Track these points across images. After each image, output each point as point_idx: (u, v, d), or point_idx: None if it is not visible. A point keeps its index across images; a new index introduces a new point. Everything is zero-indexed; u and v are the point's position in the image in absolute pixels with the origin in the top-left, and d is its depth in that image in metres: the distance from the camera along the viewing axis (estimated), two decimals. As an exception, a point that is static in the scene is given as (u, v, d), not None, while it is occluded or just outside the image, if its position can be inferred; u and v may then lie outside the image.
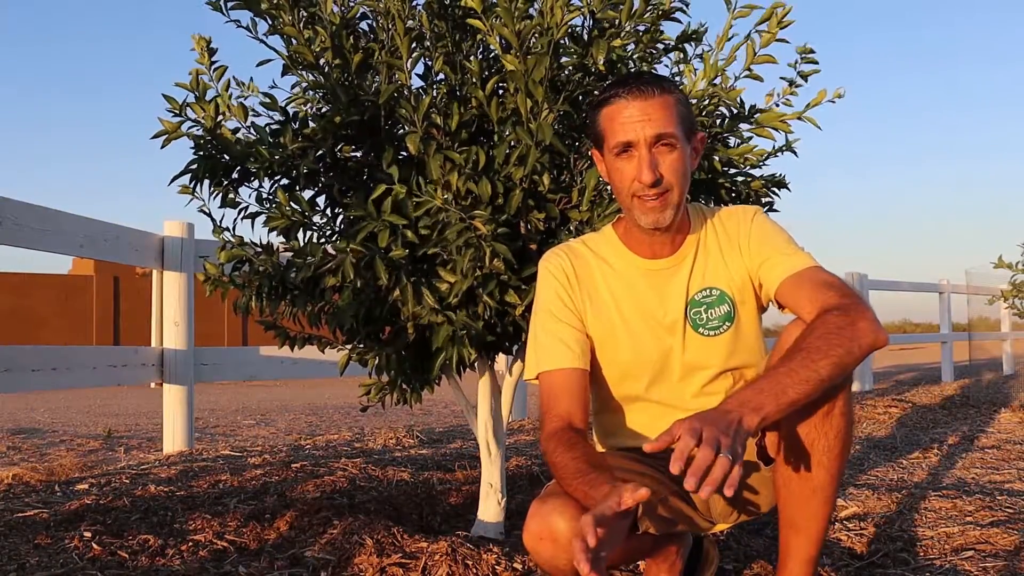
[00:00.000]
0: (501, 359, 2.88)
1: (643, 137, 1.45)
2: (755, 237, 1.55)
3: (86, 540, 2.05)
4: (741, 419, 1.22)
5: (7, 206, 2.84)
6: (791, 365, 1.30)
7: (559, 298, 1.57)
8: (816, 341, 1.32)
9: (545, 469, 3.07)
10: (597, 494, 1.25)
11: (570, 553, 1.36)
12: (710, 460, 1.13)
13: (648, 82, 1.47)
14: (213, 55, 2.04)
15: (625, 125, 1.45)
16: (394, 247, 1.89)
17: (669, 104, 1.46)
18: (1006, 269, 7.85)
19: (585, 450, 1.40)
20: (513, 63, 1.81)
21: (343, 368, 2.27)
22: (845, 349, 1.31)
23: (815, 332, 1.33)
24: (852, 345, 1.32)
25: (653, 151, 1.45)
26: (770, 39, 1.96)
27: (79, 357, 3.44)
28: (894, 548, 2.14)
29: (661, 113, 1.45)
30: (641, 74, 1.53)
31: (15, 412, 7.61)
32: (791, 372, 1.29)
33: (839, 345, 1.31)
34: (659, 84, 1.47)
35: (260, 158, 1.96)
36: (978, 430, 4.58)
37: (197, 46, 2.04)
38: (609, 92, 1.49)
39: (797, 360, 1.30)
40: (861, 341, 1.32)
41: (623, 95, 1.46)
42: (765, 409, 1.25)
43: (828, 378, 1.31)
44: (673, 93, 1.48)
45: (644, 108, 1.45)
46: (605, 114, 1.49)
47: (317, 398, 9.22)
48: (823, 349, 1.31)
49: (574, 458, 1.37)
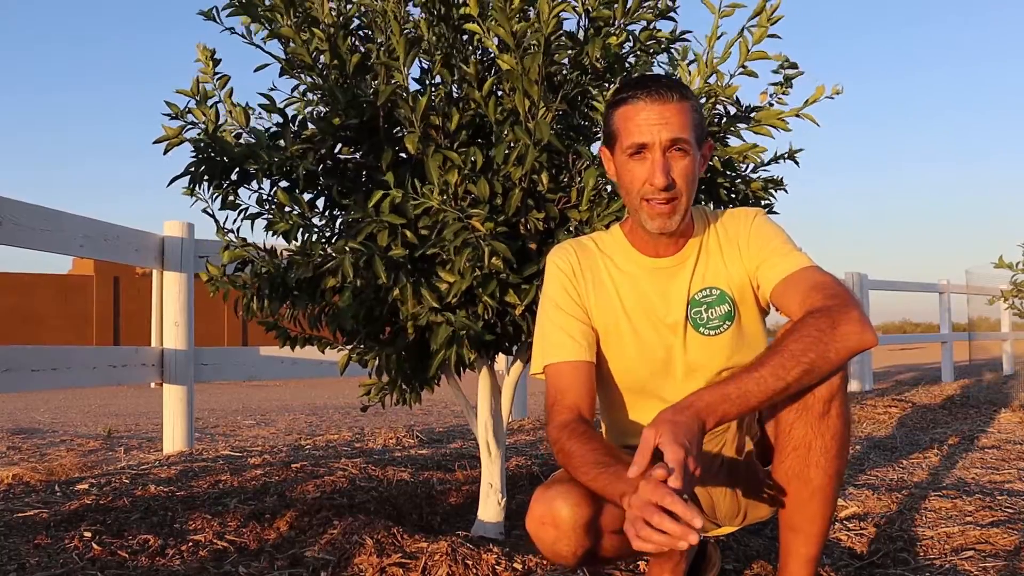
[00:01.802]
0: (501, 359, 2.88)
1: (659, 140, 1.45)
2: (754, 239, 1.55)
3: (86, 540, 2.05)
4: (703, 426, 1.28)
5: (7, 206, 2.84)
6: (762, 372, 1.31)
7: (565, 291, 1.58)
8: (791, 345, 1.33)
9: (545, 469, 3.07)
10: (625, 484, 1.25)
11: (571, 539, 1.37)
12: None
13: (667, 86, 1.47)
14: (216, 65, 2.07)
15: (641, 127, 1.45)
16: (394, 246, 1.89)
17: (686, 110, 1.46)
18: (1006, 269, 7.84)
19: (604, 442, 1.41)
20: (509, 62, 1.81)
21: (343, 368, 2.27)
22: (818, 354, 1.32)
23: (791, 336, 1.34)
24: (828, 350, 1.32)
25: (667, 155, 1.45)
26: (762, 35, 1.96)
27: (79, 357, 3.44)
28: (894, 548, 2.14)
29: (678, 118, 1.45)
30: (660, 77, 1.53)
31: (15, 412, 7.61)
32: (760, 380, 1.31)
33: (812, 350, 1.32)
34: (678, 89, 1.47)
35: (259, 160, 1.96)
36: (978, 430, 4.58)
37: (201, 55, 2.07)
38: (627, 92, 1.48)
39: (768, 367, 1.31)
40: (839, 344, 1.32)
41: (641, 96, 1.46)
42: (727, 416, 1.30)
43: (797, 384, 1.33)
44: (690, 99, 1.48)
45: (662, 112, 1.45)
46: (621, 113, 1.49)
47: (317, 398, 9.22)
48: (796, 355, 1.31)
49: (593, 449, 1.38)
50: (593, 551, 1.42)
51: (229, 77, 2.08)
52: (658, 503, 1.12)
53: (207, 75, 2.06)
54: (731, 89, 2.02)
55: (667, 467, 1.17)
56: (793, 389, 1.33)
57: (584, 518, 1.36)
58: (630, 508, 1.17)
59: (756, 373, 1.31)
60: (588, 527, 1.37)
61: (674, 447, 1.19)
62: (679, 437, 1.21)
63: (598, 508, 1.38)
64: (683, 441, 1.20)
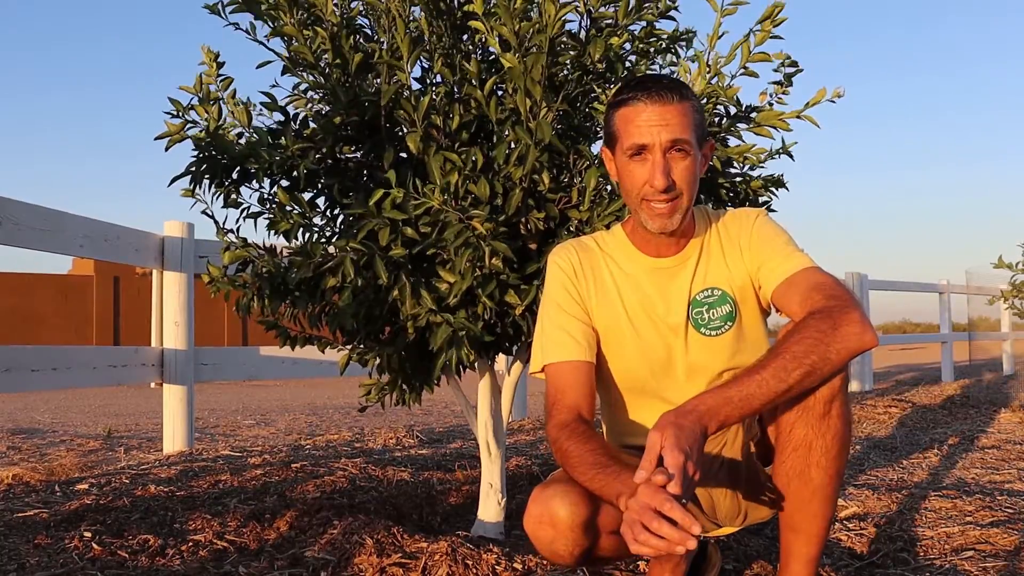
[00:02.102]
0: (501, 359, 2.88)
1: (659, 142, 1.44)
2: (755, 240, 1.55)
3: (86, 540, 2.05)
4: (705, 430, 1.28)
5: (7, 206, 2.84)
6: (764, 375, 1.31)
7: (566, 291, 1.58)
8: (793, 346, 1.33)
9: (545, 469, 3.07)
10: (622, 485, 1.25)
11: (568, 539, 1.37)
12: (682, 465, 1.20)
13: (668, 87, 1.46)
14: (220, 68, 2.09)
15: (642, 128, 1.45)
16: (394, 246, 1.89)
17: (686, 111, 1.46)
18: (1006, 269, 7.84)
19: (602, 443, 1.42)
20: (512, 61, 1.81)
21: (343, 368, 2.27)
22: (819, 355, 1.32)
23: (792, 338, 1.34)
24: (828, 351, 1.32)
25: (667, 156, 1.45)
26: (764, 37, 1.96)
27: (79, 357, 3.44)
28: (894, 548, 2.14)
29: (678, 119, 1.45)
30: (661, 78, 1.52)
31: (15, 412, 7.61)
32: (762, 383, 1.31)
33: (814, 352, 1.32)
34: (678, 90, 1.47)
35: (259, 159, 1.96)
36: (978, 430, 4.58)
37: (206, 57, 2.08)
38: (627, 93, 1.48)
39: (769, 370, 1.31)
40: (840, 345, 1.32)
41: (642, 98, 1.46)
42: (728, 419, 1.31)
43: (799, 386, 1.33)
44: (690, 100, 1.48)
45: (662, 113, 1.44)
46: (621, 115, 1.48)
47: (317, 398, 9.22)
48: (798, 356, 1.32)
49: (591, 450, 1.38)
50: (591, 551, 1.42)
51: (232, 79, 2.10)
52: (657, 508, 1.13)
53: (211, 77, 2.07)
54: (732, 90, 2.02)
55: (667, 472, 1.17)
56: (795, 391, 1.34)
57: (582, 518, 1.36)
58: (628, 511, 1.17)
59: (758, 375, 1.31)
60: (586, 527, 1.37)
61: (675, 452, 1.19)
62: (681, 442, 1.21)
63: (596, 508, 1.38)
64: (684, 446, 1.21)
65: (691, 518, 1.11)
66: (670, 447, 1.20)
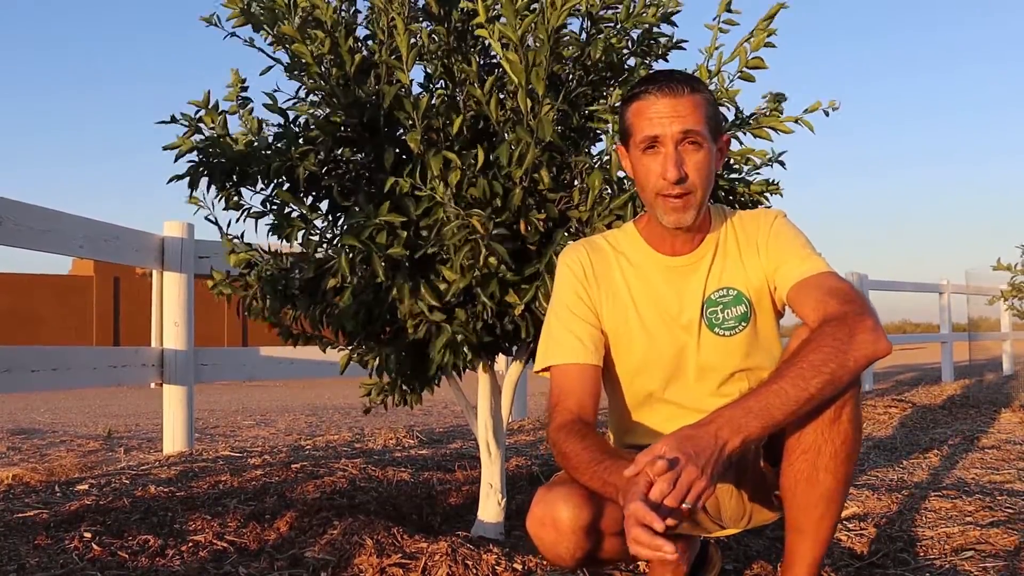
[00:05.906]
0: (501, 359, 2.88)
1: (670, 133, 1.44)
2: (773, 240, 1.54)
3: (86, 541, 2.05)
4: (725, 444, 1.24)
5: (7, 206, 2.84)
6: (782, 384, 1.29)
7: (575, 293, 1.57)
8: (810, 355, 1.31)
9: (545, 469, 3.07)
10: (617, 480, 1.25)
11: (571, 541, 1.36)
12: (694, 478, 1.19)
13: (679, 80, 1.47)
14: (245, 91, 2.17)
15: (653, 120, 1.45)
16: (394, 245, 1.89)
17: (698, 103, 1.46)
18: (1005, 271, 7.84)
19: (597, 439, 1.41)
20: (514, 59, 1.80)
21: (344, 368, 2.27)
22: (838, 364, 1.30)
23: (810, 346, 1.32)
24: (846, 359, 1.31)
25: (679, 148, 1.45)
26: (759, 42, 1.97)
27: (79, 357, 3.44)
28: (894, 548, 2.14)
29: (690, 111, 1.45)
30: (672, 72, 1.53)
31: (15, 412, 7.61)
32: (781, 392, 1.29)
33: (832, 360, 1.30)
34: (689, 83, 1.47)
35: (258, 161, 1.97)
36: (978, 430, 4.58)
37: (234, 79, 2.16)
38: (639, 88, 1.49)
39: (788, 379, 1.29)
40: (857, 353, 1.31)
41: (653, 91, 1.46)
42: (749, 430, 1.26)
43: (819, 396, 1.31)
44: (703, 93, 1.48)
45: (673, 105, 1.45)
46: (634, 109, 1.49)
47: (317, 399, 9.22)
48: (816, 365, 1.30)
49: (587, 447, 1.38)
50: (593, 553, 1.41)
51: (251, 99, 2.18)
52: (641, 522, 1.13)
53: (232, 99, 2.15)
54: (733, 91, 2.03)
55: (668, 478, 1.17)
56: (816, 401, 1.31)
57: (584, 520, 1.36)
58: (625, 507, 1.17)
59: (775, 386, 1.29)
60: (588, 529, 1.37)
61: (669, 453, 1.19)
62: (684, 446, 1.21)
63: (599, 510, 1.38)
64: (688, 450, 1.20)
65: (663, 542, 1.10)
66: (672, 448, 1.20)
